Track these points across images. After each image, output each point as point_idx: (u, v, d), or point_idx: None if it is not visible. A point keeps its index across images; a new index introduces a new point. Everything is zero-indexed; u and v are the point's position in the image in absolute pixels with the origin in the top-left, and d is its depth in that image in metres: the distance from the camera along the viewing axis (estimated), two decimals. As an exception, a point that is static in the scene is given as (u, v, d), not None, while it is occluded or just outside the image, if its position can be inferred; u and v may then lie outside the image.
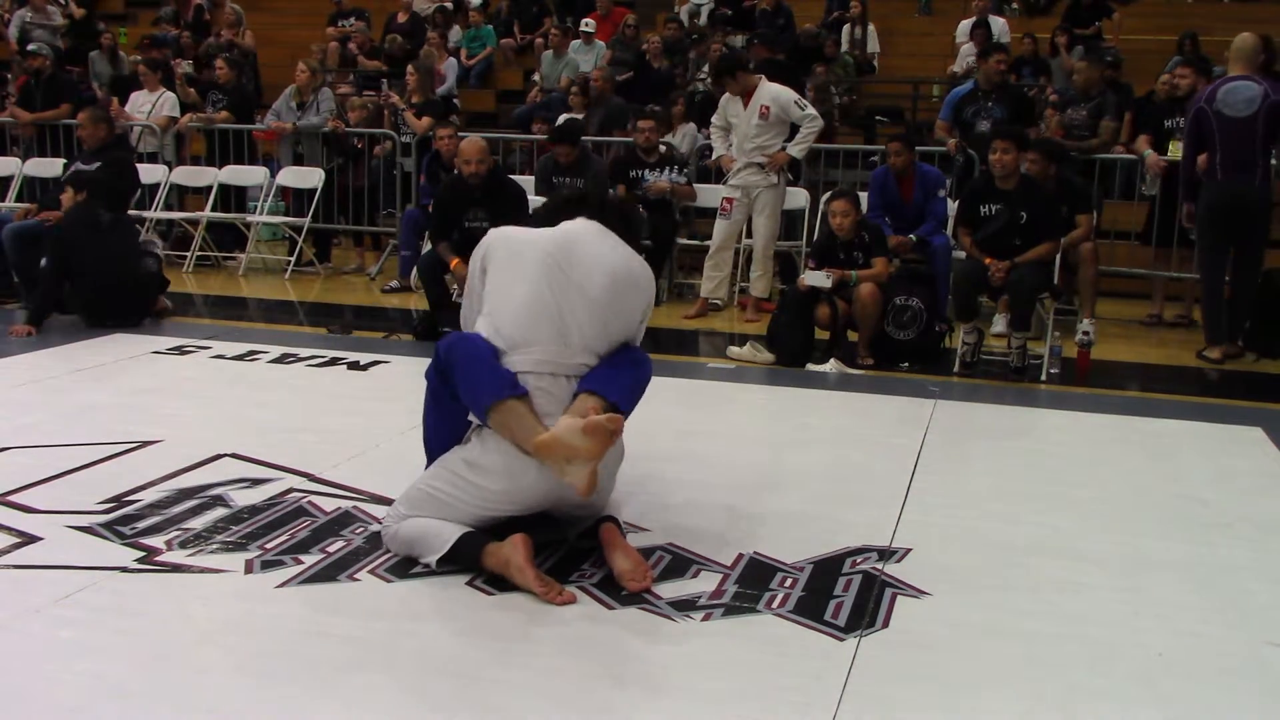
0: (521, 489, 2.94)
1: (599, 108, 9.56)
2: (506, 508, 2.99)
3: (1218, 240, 6.39)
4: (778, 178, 7.23)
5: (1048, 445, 4.59)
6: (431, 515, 3.01)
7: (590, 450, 2.79)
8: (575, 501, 2.98)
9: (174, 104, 9.60)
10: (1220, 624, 2.88)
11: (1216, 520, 3.66)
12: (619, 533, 3.05)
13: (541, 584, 2.82)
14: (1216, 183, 6.30)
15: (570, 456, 2.80)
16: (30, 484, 3.59)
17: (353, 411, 4.67)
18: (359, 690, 2.40)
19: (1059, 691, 2.49)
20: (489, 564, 2.90)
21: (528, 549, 2.86)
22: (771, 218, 7.29)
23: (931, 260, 6.78)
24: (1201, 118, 6.32)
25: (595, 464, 2.82)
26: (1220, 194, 6.29)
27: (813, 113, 7.24)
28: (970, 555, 3.27)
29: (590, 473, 2.82)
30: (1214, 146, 6.27)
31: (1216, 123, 6.24)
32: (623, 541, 3.03)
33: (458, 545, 2.92)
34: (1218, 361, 6.30)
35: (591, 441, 2.78)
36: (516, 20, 13.07)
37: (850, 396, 5.34)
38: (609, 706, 2.37)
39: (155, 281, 6.65)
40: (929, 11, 13.54)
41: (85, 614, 2.72)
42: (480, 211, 6.39)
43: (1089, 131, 7.76)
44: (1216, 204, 6.33)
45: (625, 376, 3.04)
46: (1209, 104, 6.30)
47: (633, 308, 3.13)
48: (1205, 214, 6.39)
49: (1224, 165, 6.25)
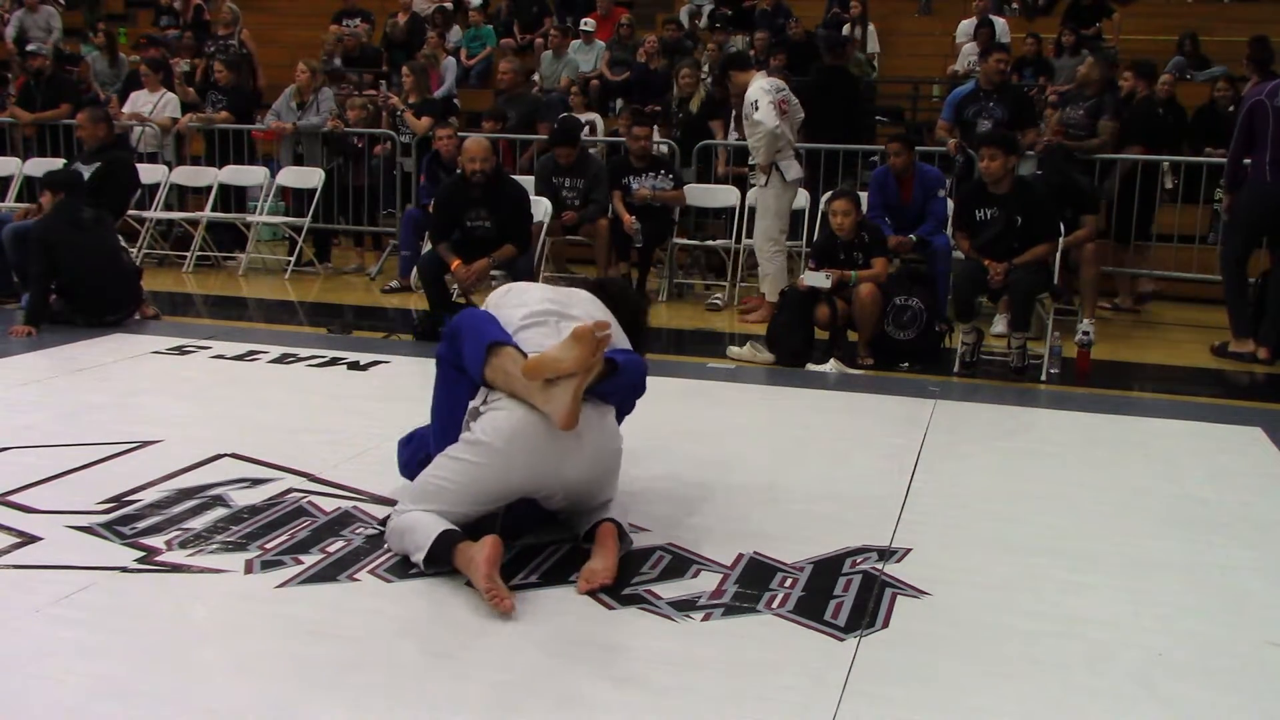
0: (519, 453, 2.91)
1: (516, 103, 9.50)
2: (505, 480, 2.96)
3: (1251, 239, 6.32)
4: (765, 179, 7.17)
5: (1048, 445, 4.59)
6: (432, 506, 3.00)
7: (578, 358, 2.81)
8: (574, 485, 3.00)
9: (176, 105, 9.60)
10: (1220, 624, 2.88)
11: (1216, 520, 3.66)
12: (613, 535, 3.04)
13: (488, 582, 2.76)
14: (1265, 184, 6.18)
15: (558, 371, 2.83)
16: (30, 484, 3.59)
17: (353, 411, 4.67)
18: (359, 690, 2.40)
19: (1059, 691, 2.49)
20: (458, 562, 2.89)
21: (493, 549, 2.82)
22: (762, 217, 7.28)
23: (931, 260, 6.78)
24: (1258, 112, 6.18)
25: (580, 382, 2.83)
26: (1269, 195, 6.17)
27: (759, 118, 6.95)
28: (970, 555, 3.27)
29: (573, 396, 2.82)
30: (1265, 144, 6.15)
31: (1273, 118, 6.10)
32: (611, 545, 3.00)
33: (436, 543, 2.91)
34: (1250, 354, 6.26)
35: (579, 348, 2.82)
36: (516, 20, 13.07)
37: (850, 396, 5.33)
38: (609, 706, 2.37)
39: (139, 276, 6.65)
40: (929, 11, 13.54)
41: (85, 614, 2.72)
42: (481, 211, 6.40)
43: (1087, 131, 7.76)
44: (1263, 205, 6.21)
45: (623, 355, 3.12)
46: (1271, 99, 6.16)
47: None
48: (1246, 214, 6.29)
49: (1273, 165, 6.12)
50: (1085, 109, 7.82)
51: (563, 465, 2.95)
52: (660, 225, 7.84)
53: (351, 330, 6.74)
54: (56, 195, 6.31)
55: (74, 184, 6.46)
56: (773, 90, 7.05)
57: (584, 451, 2.98)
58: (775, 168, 7.10)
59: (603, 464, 3.05)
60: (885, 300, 6.06)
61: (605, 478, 3.11)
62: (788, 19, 12.05)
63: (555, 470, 2.97)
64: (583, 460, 2.98)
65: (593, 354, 2.83)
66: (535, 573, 3.02)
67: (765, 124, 6.95)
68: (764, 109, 6.96)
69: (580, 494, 3.07)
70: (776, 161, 7.09)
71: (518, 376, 2.90)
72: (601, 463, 3.05)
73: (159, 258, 9.16)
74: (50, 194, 6.36)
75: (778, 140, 7.01)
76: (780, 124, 6.97)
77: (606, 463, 3.08)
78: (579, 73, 11.21)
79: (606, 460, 3.07)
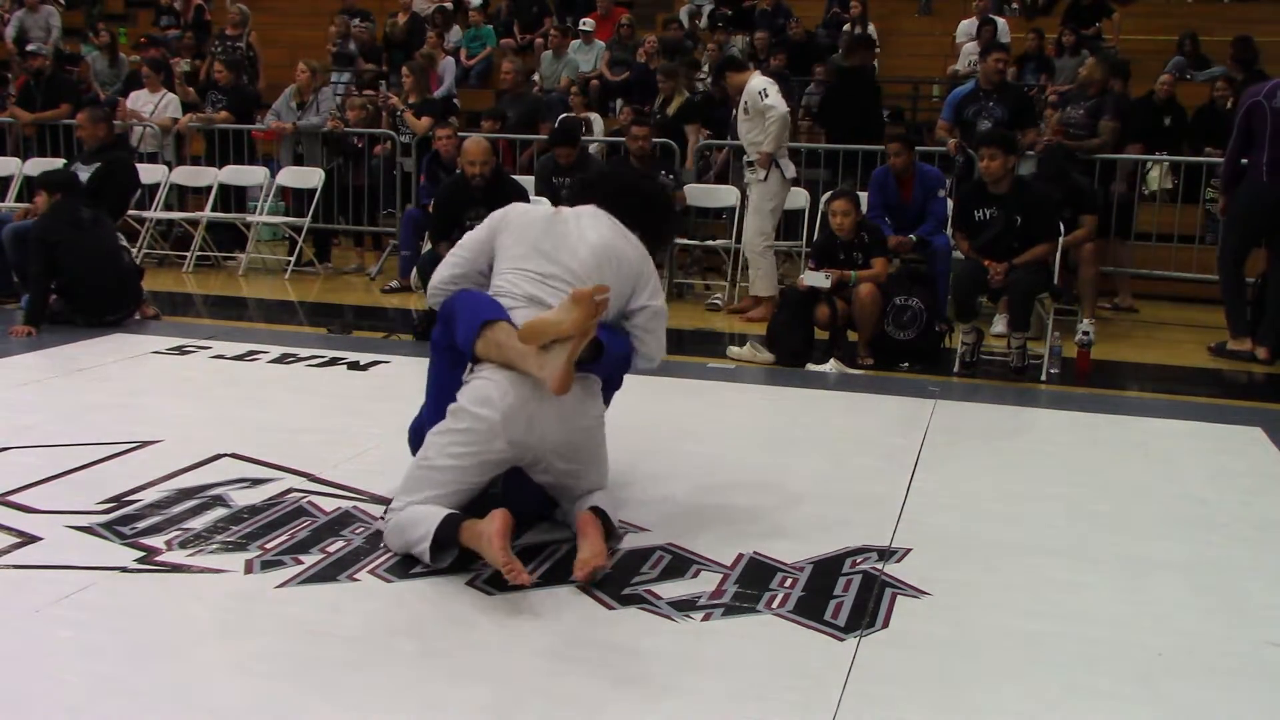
0: (502, 416, 2.96)
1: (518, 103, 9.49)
2: (491, 445, 2.99)
3: (1248, 239, 6.35)
4: (765, 174, 7.19)
5: (1048, 445, 4.59)
6: (426, 494, 3.02)
7: (576, 320, 2.84)
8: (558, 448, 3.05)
9: (176, 105, 9.60)
10: (1220, 624, 2.88)
11: (1216, 520, 3.66)
12: (595, 523, 3.05)
13: (505, 556, 2.77)
14: (1262, 184, 6.20)
15: (555, 334, 2.86)
16: (30, 484, 3.59)
17: (353, 411, 4.67)
18: (359, 690, 2.40)
19: (1059, 691, 2.49)
20: (465, 539, 2.90)
21: (505, 522, 2.83)
22: (756, 214, 7.29)
23: (931, 260, 6.78)
24: (1256, 113, 6.20)
25: (575, 346, 2.86)
26: (1266, 194, 6.19)
27: (770, 103, 7.09)
28: (970, 555, 3.27)
29: (567, 359, 2.85)
30: (1262, 145, 6.17)
31: (1271, 119, 6.13)
32: (594, 532, 3.03)
33: (440, 528, 2.92)
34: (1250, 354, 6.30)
35: (577, 310, 2.85)
36: (516, 20, 13.08)
37: (850, 396, 5.33)
38: (609, 706, 2.37)
39: (140, 276, 6.65)
40: (929, 11, 13.54)
41: (85, 614, 2.72)
42: (481, 211, 6.37)
43: (1087, 131, 7.76)
44: (1260, 204, 6.24)
45: (608, 334, 3.16)
46: (1269, 100, 6.17)
47: (619, 281, 3.21)
48: (1244, 213, 6.31)
49: (1270, 166, 6.15)
50: (1086, 109, 7.83)
51: (545, 427, 3.00)
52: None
53: (351, 330, 6.74)
54: (52, 196, 6.31)
55: (69, 184, 6.46)
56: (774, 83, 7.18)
57: (566, 413, 3.04)
58: (775, 165, 7.12)
59: (583, 430, 3.10)
60: (885, 300, 6.06)
61: (588, 448, 3.14)
62: (788, 19, 12.06)
63: (540, 433, 3.01)
64: (564, 423, 3.04)
65: (590, 317, 2.86)
66: (535, 573, 3.01)
67: (778, 108, 7.10)
68: (774, 95, 7.12)
69: (566, 462, 3.11)
70: (776, 159, 7.11)
71: (511, 345, 2.95)
72: (582, 429, 3.10)
73: (159, 258, 9.16)
74: (45, 195, 6.36)
75: (787, 127, 7.13)
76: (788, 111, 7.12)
77: (588, 429, 3.12)
78: (579, 73, 11.21)
79: (587, 425, 3.12)
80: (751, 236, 7.31)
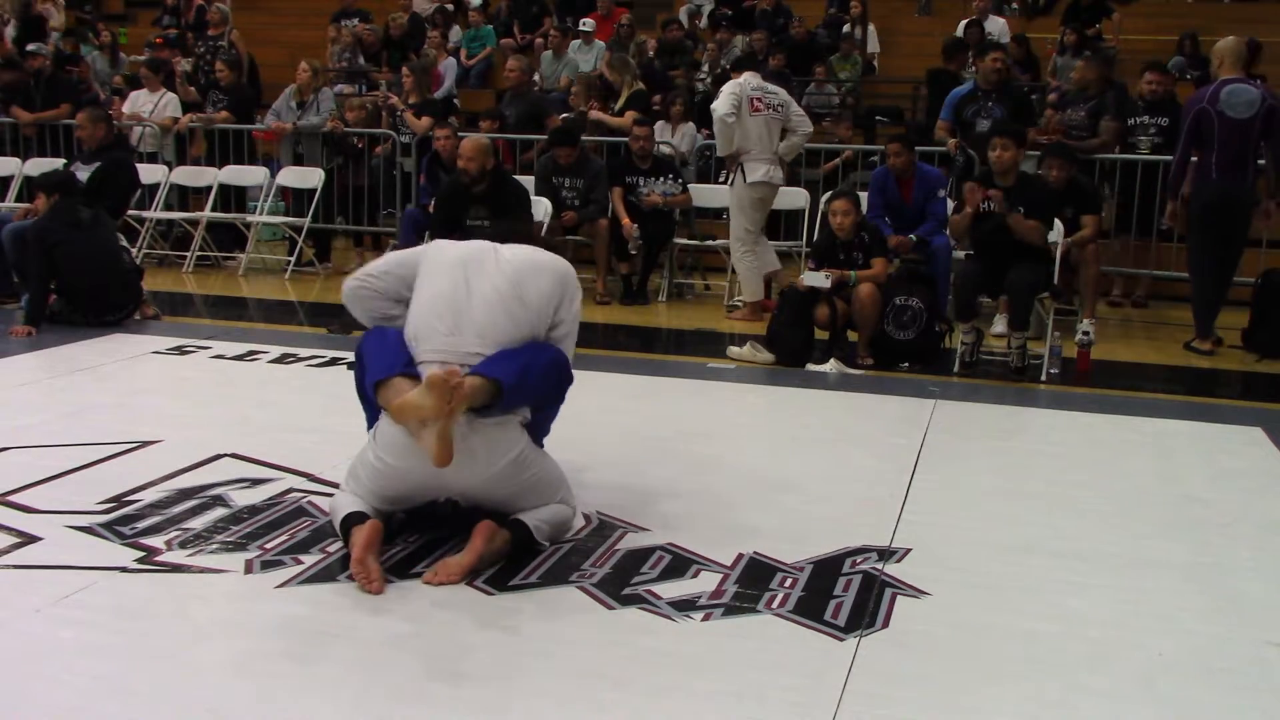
0: (411, 467, 3.00)
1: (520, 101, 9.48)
2: (405, 487, 3.09)
3: (1207, 238, 6.46)
4: (731, 178, 7.18)
5: (1048, 445, 4.59)
6: (355, 490, 3.12)
7: (433, 407, 2.82)
8: (474, 493, 3.08)
9: (176, 105, 9.60)
10: (1220, 624, 2.88)
11: (1216, 520, 3.66)
12: (485, 535, 2.99)
13: (356, 566, 2.87)
14: (1211, 183, 6.37)
15: (420, 417, 2.85)
16: (30, 484, 3.59)
17: (353, 411, 4.63)
18: (359, 690, 2.40)
19: (1059, 691, 2.49)
20: (348, 544, 2.98)
21: (370, 533, 2.92)
22: (732, 215, 7.32)
23: (931, 260, 6.78)
24: (1203, 118, 6.36)
25: (444, 425, 2.84)
26: (1215, 194, 6.37)
27: (714, 104, 7.07)
28: (970, 555, 3.27)
29: (440, 436, 2.83)
30: (1211, 147, 6.33)
31: (1218, 123, 6.29)
32: (476, 544, 2.97)
33: (342, 524, 3.04)
34: (1209, 353, 6.46)
35: (432, 396, 2.81)
36: (516, 20, 13.07)
37: (850, 396, 5.33)
38: (609, 706, 2.37)
39: (140, 276, 6.65)
40: (929, 11, 13.54)
41: (85, 614, 2.72)
42: (481, 210, 6.39)
43: (1088, 131, 7.76)
44: (1211, 204, 6.41)
45: (517, 360, 3.06)
46: (1212, 105, 6.34)
47: (541, 290, 3.19)
48: (1199, 214, 6.47)
49: (1220, 165, 6.32)
50: (1086, 109, 7.83)
51: (452, 475, 2.98)
52: (663, 226, 7.83)
53: (351, 330, 6.71)
54: (50, 197, 6.31)
55: (66, 185, 6.46)
56: (746, 88, 7.05)
57: (477, 459, 3.00)
58: (740, 167, 7.08)
59: (500, 473, 3.05)
60: (885, 300, 6.06)
61: (512, 484, 3.10)
62: (788, 19, 12.06)
63: (447, 480, 3.02)
64: (477, 469, 3.02)
65: (446, 402, 2.82)
66: (535, 573, 3.02)
67: (716, 109, 7.04)
68: (721, 98, 7.05)
69: (490, 498, 3.11)
70: (741, 160, 7.07)
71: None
72: (497, 472, 3.05)
73: (159, 258, 9.15)
74: (44, 195, 6.37)
75: (730, 130, 6.99)
76: (732, 115, 6.93)
77: (505, 471, 3.06)
78: (579, 73, 11.20)
79: (503, 467, 3.06)
80: (730, 240, 7.34)
